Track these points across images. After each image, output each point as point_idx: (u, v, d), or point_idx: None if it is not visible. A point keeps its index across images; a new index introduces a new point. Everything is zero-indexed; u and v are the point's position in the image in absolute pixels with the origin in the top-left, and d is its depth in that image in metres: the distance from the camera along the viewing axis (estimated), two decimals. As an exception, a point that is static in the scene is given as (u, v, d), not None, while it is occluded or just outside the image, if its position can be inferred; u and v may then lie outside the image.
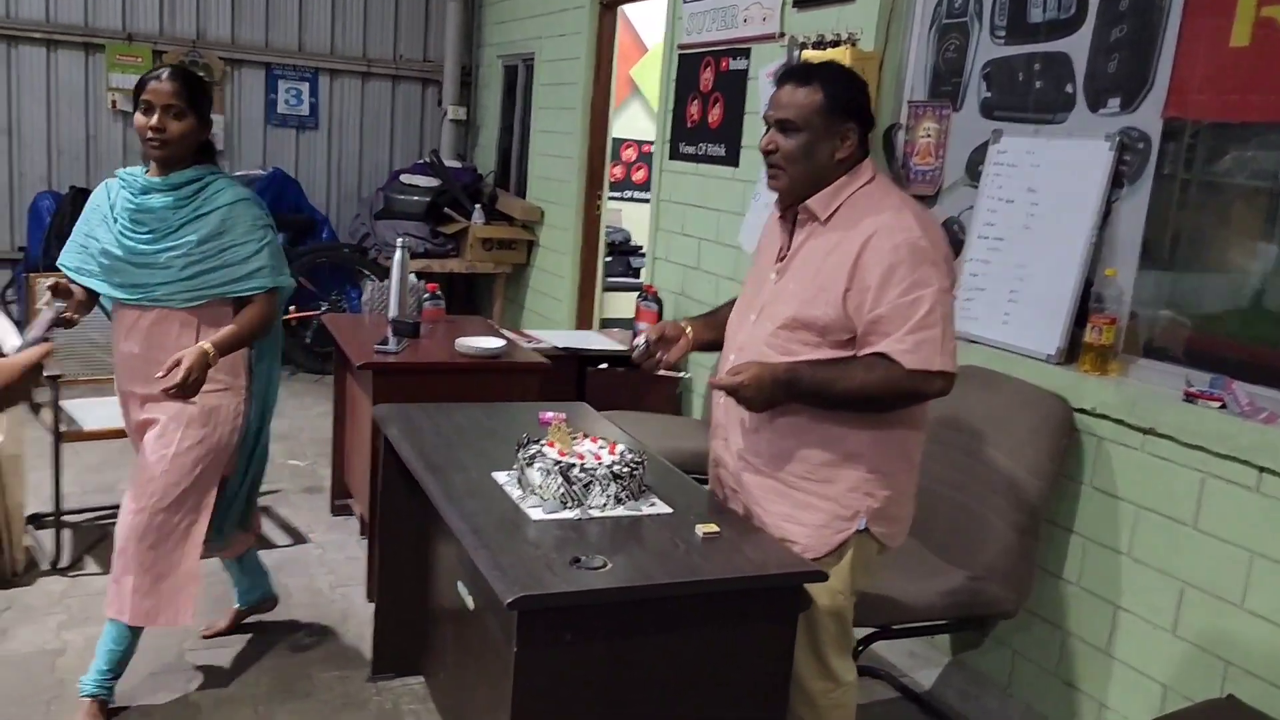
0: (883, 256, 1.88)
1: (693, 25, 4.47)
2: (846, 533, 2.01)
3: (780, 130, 1.99)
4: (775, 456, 2.04)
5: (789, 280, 2.04)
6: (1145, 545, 2.48)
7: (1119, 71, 2.71)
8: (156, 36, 6.50)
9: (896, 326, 1.88)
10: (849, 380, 1.91)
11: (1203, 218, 2.57)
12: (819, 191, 2.00)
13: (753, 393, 1.92)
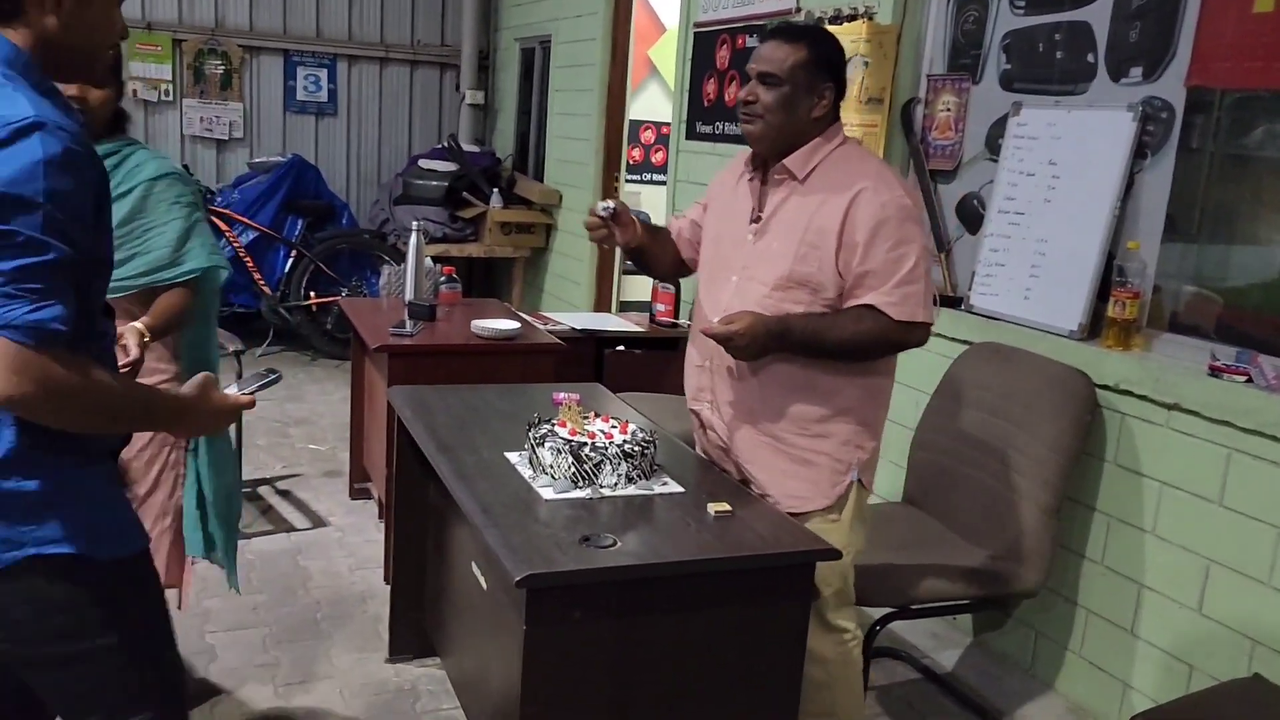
0: (871, 213, 1.95)
1: (709, 3, 4.43)
2: (843, 485, 2.08)
3: (762, 82, 2.03)
4: (770, 414, 2.07)
5: (772, 240, 2.05)
6: (1170, 523, 2.43)
7: (1141, 40, 2.64)
8: (176, 25, 6.53)
9: (883, 280, 1.95)
10: (840, 331, 1.98)
11: (1228, 189, 2.51)
12: (792, 148, 2.05)
13: (746, 341, 1.94)
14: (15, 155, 1.18)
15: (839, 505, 2.09)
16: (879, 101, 3.35)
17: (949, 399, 2.85)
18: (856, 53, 3.40)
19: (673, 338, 4.42)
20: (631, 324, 4.51)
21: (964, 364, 2.87)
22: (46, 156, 1.19)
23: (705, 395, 2.19)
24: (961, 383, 2.84)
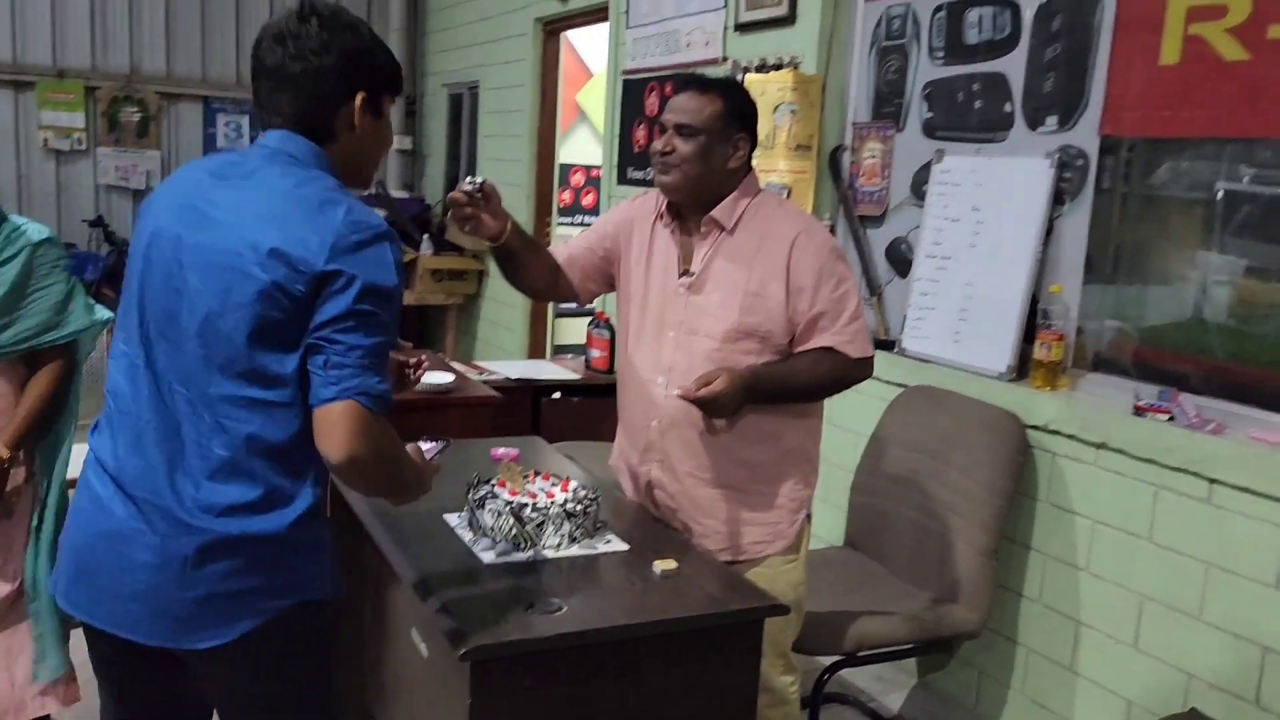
0: (812, 258, 2.01)
1: (636, 51, 4.48)
2: (799, 523, 2.13)
3: (678, 133, 2.04)
4: (727, 465, 2.08)
5: (711, 293, 2.05)
6: (1103, 560, 2.48)
7: (1055, 90, 2.74)
8: (89, 72, 6.39)
9: (834, 321, 2.02)
10: (805, 375, 2.03)
11: (1142, 231, 2.60)
12: (709, 199, 2.06)
13: (727, 399, 1.93)
14: (379, 254, 1.44)
15: (796, 544, 2.13)
16: (807, 148, 3.41)
17: (885, 442, 2.88)
18: (783, 101, 3.46)
19: (608, 384, 4.41)
20: (567, 370, 4.49)
21: (899, 407, 2.91)
22: (395, 257, 1.47)
23: (654, 456, 2.15)
24: (897, 426, 2.88)
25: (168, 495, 1.46)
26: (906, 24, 3.21)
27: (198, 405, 1.46)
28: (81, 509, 1.55)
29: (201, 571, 1.44)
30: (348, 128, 1.54)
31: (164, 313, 1.48)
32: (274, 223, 1.42)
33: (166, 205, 1.54)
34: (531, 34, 5.45)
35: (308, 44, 1.49)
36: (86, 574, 1.51)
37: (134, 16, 6.45)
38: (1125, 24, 2.55)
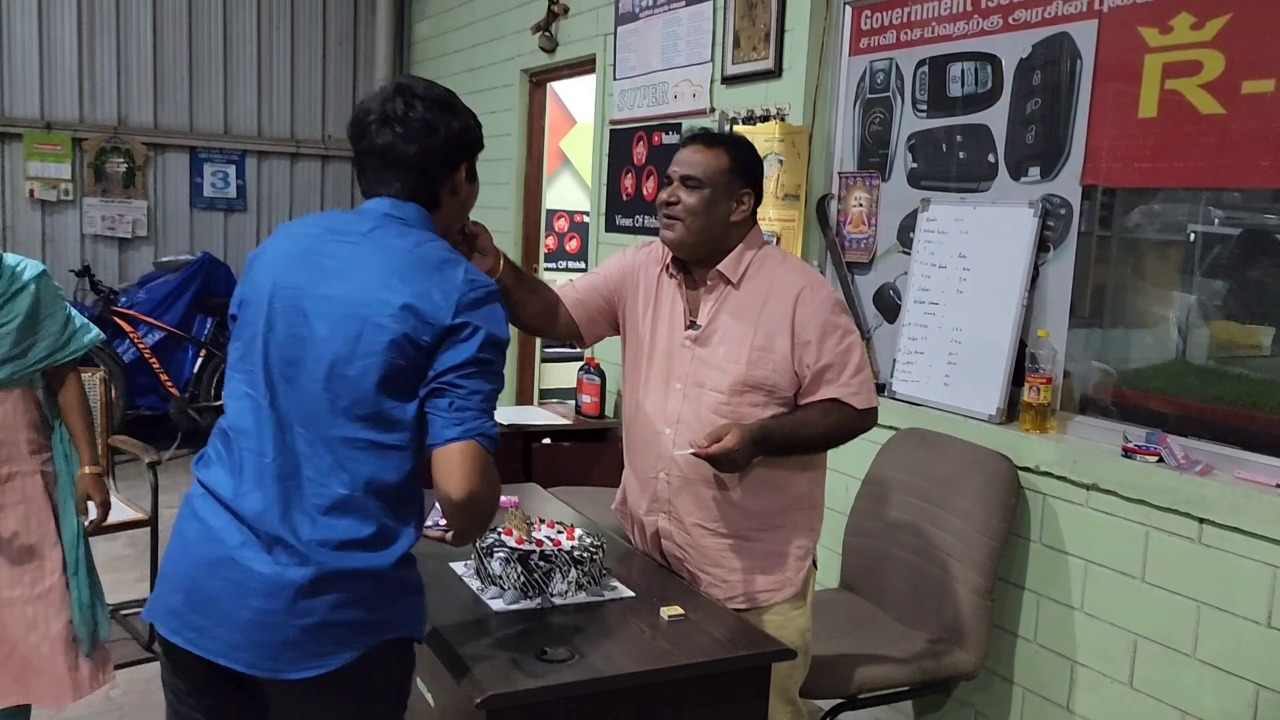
0: (816, 311, 2.04)
1: (623, 102, 4.56)
2: (804, 569, 2.15)
3: (684, 185, 2.08)
4: (735, 515, 2.10)
5: (717, 346, 2.08)
6: (1097, 599, 2.53)
7: (1037, 142, 2.83)
8: (76, 124, 6.41)
9: (839, 373, 2.05)
10: (814, 427, 2.06)
11: (1125, 278, 2.68)
12: (712, 252, 2.10)
13: (738, 454, 1.96)
14: (495, 310, 1.59)
15: (803, 591, 2.15)
16: (795, 198, 3.48)
17: (879, 485, 2.92)
18: (771, 151, 3.55)
19: (599, 429, 4.45)
20: (557, 415, 4.53)
21: (891, 450, 2.96)
22: (506, 314, 1.63)
23: (661, 506, 2.17)
24: (890, 468, 2.92)
25: (285, 528, 1.52)
26: (890, 77, 3.30)
27: (318, 445, 1.54)
28: (190, 538, 1.59)
29: (313, 601, 1.51)
30: (450, 195, 1.71)
31: (286, 358, 1.58)
32: (401, 279, 1.55)
33: (283, 258, 1.65)
34: (518, 85, 5.54)
35: (416, 127, 1.63)
36: (196, 602, 1.55)
37: (122, 69, 6.50)
38: (1104, 79, 2.65)
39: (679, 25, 4.14)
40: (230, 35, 6.78)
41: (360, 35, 7.17)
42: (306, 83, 7.06)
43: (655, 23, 4.29)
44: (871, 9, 3.37)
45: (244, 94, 6.88)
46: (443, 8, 6.56)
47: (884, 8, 3.32)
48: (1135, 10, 2.57)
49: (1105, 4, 2.65)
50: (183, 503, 1.66)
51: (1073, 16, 2.73)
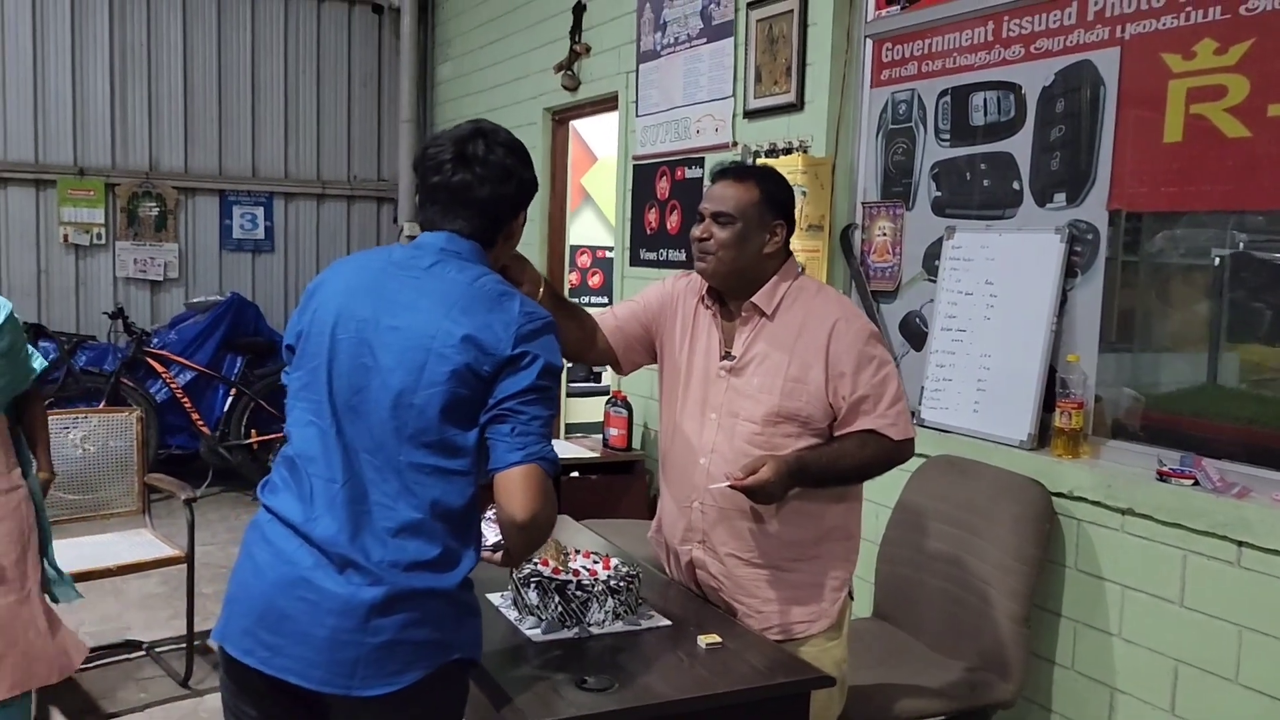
0: (851, 343, 2.04)
1: (646, 138, 4.62)
2: (840, 601, 2.14)
3: (716, 220, 2.10)
4: (768, 545, 2.10)
5: (751, 377, 2.09)
6: (1135, 625, 2.51)
7: (1062, 169, 2.85)
8: (109, 170, 6.54)
9: (875, 404, 2.04)
10: (850, 459, 2.05)
11: (1155, 302, 2.68)
12: (747, 284, 2.11)
13: (774, 487, 1.96)
14: (551, 340, 1.66)
15: (839, 622, 2.14)
16: (819, 228, 3.51)
17: (910, 512, 2.92)
18: (794, 183, 3.58)
19: (627, 461, 4.46)
20: (585, 449, 4.54)
21: (922, 477, 2.95)
22: (559, 344, 1.69)
23: (695, 536, 2.17)
24: (921, 496, 2.92)
25: (356, 551, 1.57)
26: (912, 108, 3.34)
27: (385, 471, 1.60)
28: (262, 561, 1.63)
29: (385, 620, 1.56)
30: (506, 238, 1.80)
31: (352, 387, 1.64)
32: (462, 311, 1.62)
33: (345, 291, 1.70)
34: (541, 123, 5.62)
35: (494, 171, 1.72)
36: (271, 622, 1.59)
37: (153, 115, 6.64)
38: (1128, 105, 2.67)
39: (700, 62, 4.20)
40: (258, 80, 6.92)
41: (384, 78, 7.30)
42: (332, 125, 7.19)
43: (677, 60, 4.36)
44: (892, 41, 3.41)
45: (271, 137, 7.01)
46: (465, 49, 6.67)
47: (904, 40, 3.36)
48: (1158, 37, 2.60)
49: (1127, 31, 2.67)
50: (249, 528, 1.70)
51: (1095, 45, 2.76)
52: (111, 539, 3.74)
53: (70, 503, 3.78)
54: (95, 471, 3.81)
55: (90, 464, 3.80)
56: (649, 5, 4.56)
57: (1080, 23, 2.79)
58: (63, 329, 6.27)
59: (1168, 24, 2.58)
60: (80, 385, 5.76)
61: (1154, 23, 2.61)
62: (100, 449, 3.88)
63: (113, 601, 4.25)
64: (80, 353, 5.95)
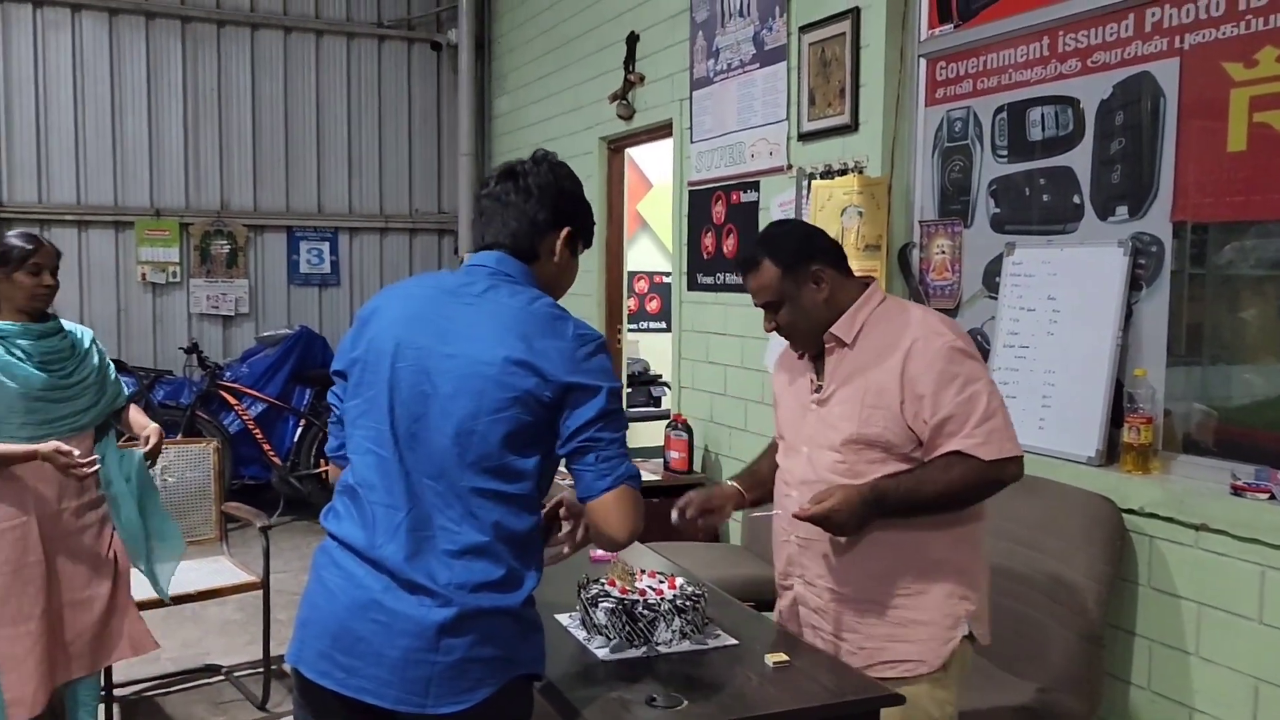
0: (929, 363, 1.96)
1: (701, 163, 4.67)
2: (954, 642, 2.01)
3: (767, 309, 2.12)
4: (868, 579, 2.03)
5: (834, 406, 2.07)
6: (1212, 643, 2.45)
7: (1123, 181, 2.82)
8: (183, 210, 6.79)
9: (962, 424, 1.94)
10: (933, 484, 1.95)
11: (1223, 313, 2.64)
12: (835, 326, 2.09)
13: (844, 516, 1.93)
14: (605, 360, 1.71)
15: (950, 666, 2.01)
16: (876, 248, 3.52)
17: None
18: (850, 204, 3.60)
19: (688, 484, 4.47)
20: (646, 472, 4.57)
21: (988, 496, 2.92)
22: (610, 359, 1.74)
23: (795, 570, 2.15)
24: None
25: (423, 575, 1.62)
26: (968, 125, 3.34)
27: (449, 496, 1.64)
28: (334, 586, 1.69)
29: (456, 639, 1.61)
30: (548, 254, 1.81)
31: (412, 415, 1.68)
32: (518, 337, 1.66)
33: (401, 319, 1.74)
34: (597, 152, 5.71)
35: (534, 182, 1.79)
36: (346, 644, 1.64)
37: (224, 157, 6.89)
38: (1189, 116, 2.65)
39: (754, 86, 4.24)
40: (322, 119, 7.14)
41: (443, 112, 7.48)
42: (394, 160, 7.38)
43: (730, 85, 4.40)
44: (946, 60, 3.42)
45: (335, 174, 7.21)
46: (521, 82, 6.81)
47: (958, 58, 3.37)
48: (1218, 46, 2.58)
49: (1186, 42, 2.65)
50: (318, 553, 1.76)
51: (1153, 56, 2.74)
52: (191, 566, 3.85)
53: (151, 532, 3.90)
54: (174, 501, 3.94)
55: (170, 494, 3.93)
56: (701, 33, 4.62)
57: (1138, 34, 2.78)
58: (141, 364, 6.49)
59: (1228, 33, 2.55)
60: (158, 419, 5.93)
61: (1214, 32, 2.59)
62: (179, 479, 4.02)
63: (193, 627, 4.38)
64: (158, 387, 6.16)
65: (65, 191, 6.52)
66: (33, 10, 6.36)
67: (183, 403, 6.03)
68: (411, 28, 7.37)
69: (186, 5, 6.72)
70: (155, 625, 4.17)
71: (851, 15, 3.65)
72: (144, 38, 6.63)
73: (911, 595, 2.02)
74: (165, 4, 6.67)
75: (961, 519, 2.03)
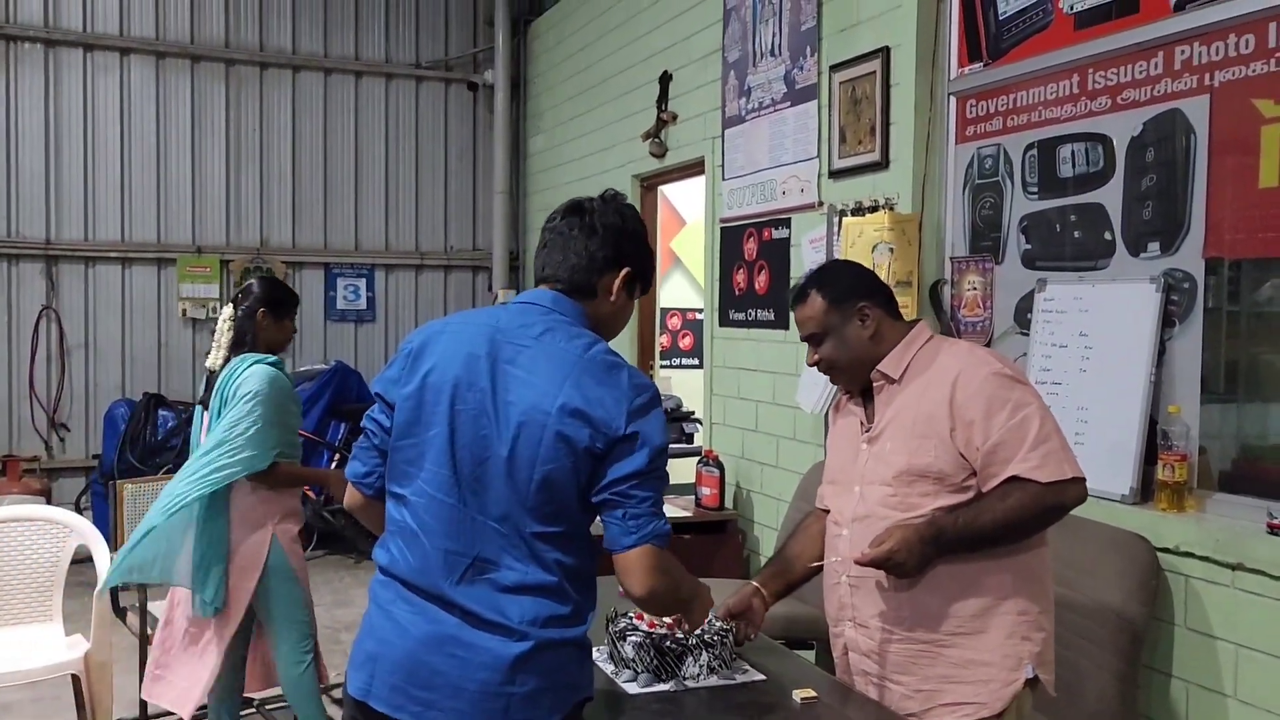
0: (976, 391, 1.94)
1: (733, 200, 4.71)
2: (1017, 684, 1.94)
3: (812, 343, 2.14)
4: (923, 618, 1.98)
5: (884, 442, 2.04)
6: (1250, 685, 2.41)
7: (1154, 218, 2.82)
8: (224, 247, 6.93)
9: (1016, 449, 1.90)
10: (991, 513, 1.90)
11: (1258, 349, 2.62)
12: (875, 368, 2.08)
13: (904, 556, 1.88)
14: (658, 415, 1.70)
15: (1014, 709, 1.95)
16: (907, 284, 3.52)
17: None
18: (881, 240, 3.61)
19: (720, 521, 4.47)
20: (678, 509, 4.57)
21: (1020, 533, 2.90)
22: (663, 415, 1.72)
23: (847, 613, 2.09)
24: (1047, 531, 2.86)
25: (495, 613, 1.67)
26: (999, 163, 3.35)
27: (513, 538, 1.69)
28: (404, 620, 1.71)
29: (530, 671, 1.67)
30: (605, 293, 1.82)
31: (476, 459, 1.70)
32: (574, 386, 1.67)
33: (458, 358, 1.74)
34: (630, 190, 5.77)
35: (602, 218, 1.82)
36: (422, 679, 1.67)
37: (264, 195, 7.04)
38: (1220, 153, 2.64)
39: (785, 125, 4.29)
40: (360, 158, 7.28)
41: (479, 151, 7.60)
42: (430, 198, 7.50)
43: (762, 124, 4.45)
44: (976, 98, 3.44)
45: (372, 211, 7.34)
46: (555, 121, 6.91)
47: (988, 96, 3.38)
48: (1248, 84, 2.58)
49: (1216, 79, 2.66)
50: (379, 588, 1.77)
51: (1183, 93, 2.74)
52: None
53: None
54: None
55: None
56: (733, 72, 4.68)
57: (1167, 72, 2.79)
58: (180, 399, 6.60)
59: (1258, 70, 2.56)
60: (196, 452, 6.04)
61: (1244, 69, 2.59)
62: (215, 512, 4.06)
63: (225, 659, 4.40)
64: (196, 420, 6.25)
65: (110, 229, 6.69)
66: (83, 54, 6.57)
67: (220, 436, 6.11)
68: (449, 69, 7.52)
69: (231, 49, 6.91)
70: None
71: (882, 54, 3.69)
72: (189, 80, 6.81)
73: (970, 635, 1.95)
74: (211, 47, 6.86)
75: (1020, 550, 1.97)
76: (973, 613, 1.95)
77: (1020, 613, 1.96)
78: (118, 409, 6.40)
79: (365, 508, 1.87)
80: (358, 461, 1.86)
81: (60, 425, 6.57)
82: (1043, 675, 1.97)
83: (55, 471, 6.56)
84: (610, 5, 5.97)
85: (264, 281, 3.33)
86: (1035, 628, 1.98)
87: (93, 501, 6.25)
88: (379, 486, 1.81)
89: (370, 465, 1.83)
